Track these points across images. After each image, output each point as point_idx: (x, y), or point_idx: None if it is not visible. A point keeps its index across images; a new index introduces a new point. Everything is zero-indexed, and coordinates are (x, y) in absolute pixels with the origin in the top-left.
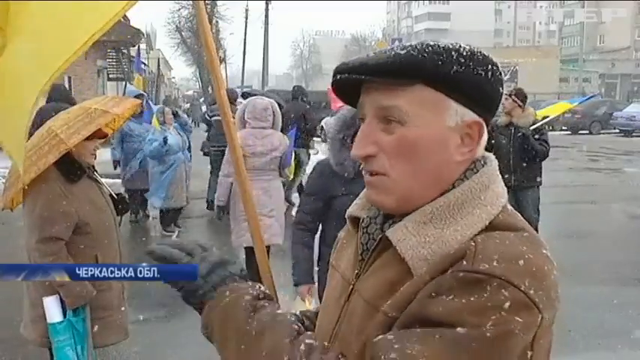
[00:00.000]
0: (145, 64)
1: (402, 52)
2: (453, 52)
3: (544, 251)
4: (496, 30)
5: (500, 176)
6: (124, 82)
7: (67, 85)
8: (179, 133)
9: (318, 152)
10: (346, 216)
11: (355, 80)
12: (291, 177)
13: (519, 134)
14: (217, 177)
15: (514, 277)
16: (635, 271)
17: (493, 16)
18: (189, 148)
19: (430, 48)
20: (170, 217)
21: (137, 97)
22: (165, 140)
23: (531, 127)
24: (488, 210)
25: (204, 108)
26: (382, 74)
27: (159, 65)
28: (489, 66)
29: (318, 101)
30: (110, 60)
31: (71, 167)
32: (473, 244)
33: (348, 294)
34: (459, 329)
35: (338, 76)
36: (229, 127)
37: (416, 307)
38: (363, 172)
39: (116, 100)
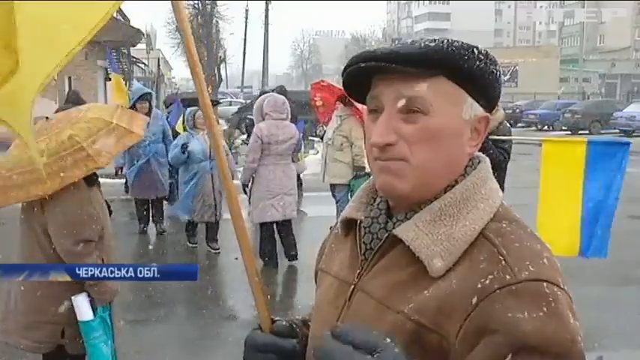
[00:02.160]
0: (144, 63)
1: (432, 44)
2: (475, 50)
3: (541, 238)
4: (496, 30)
5: (492, 173)
6: (124, 82)
7: (66, 85)
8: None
9: (318, 152)
10: (340, 219)
11: (374, 69)
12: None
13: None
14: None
15: (551, 276)
16: (635, 271)
17: (493, 16)
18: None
19: (457, 43)
20: (194, 231)
21: (143, 96)
22: (184, 147)
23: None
24: (490, 203)
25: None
26: (412, 64)
27: (159, 65)
28: (497, 66)
29: None
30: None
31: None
32: (495, 251)
33: (349, 294)
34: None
35: (362, 64)
36: (213, 129)
37: (499, 336)
38: (373, 161)
39: (128, 114)
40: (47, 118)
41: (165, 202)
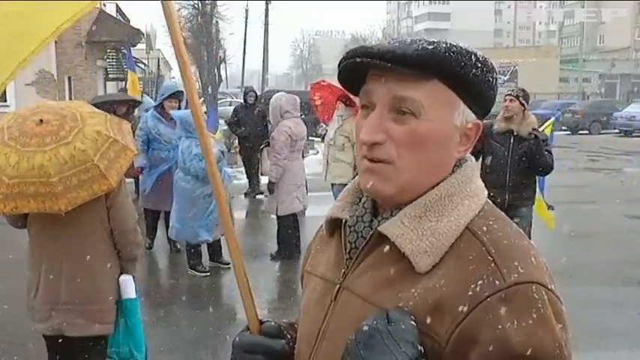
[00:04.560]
0: (144, 64)
1: (430, 47)
2: (473, 57)
3: (526, 236)
4: (496, 30)
5: (477, 171)
6: (124, 82)
7: (66, 85)
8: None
9: (318, 152)
10: (325, 220)
11: (369, 65)
12: None
13: (531, 142)
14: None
15: (539, 277)
16: (635, 271)
17: (493, 16)
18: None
19: (455, 48)
20: (200, 254)
21: (177, 93)
22: (223, 154)
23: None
24: (476, 200)
25: (202, 108)
26: (408, 65)
27: (159, 65)
28: (494, 73)
29: None
30: (110, 60)
31: None
32: (484, 249)
33: (335, 293)
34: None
35: (358, 59)
36: (201, 129)
37: (490, 347)
38: (361, 159)
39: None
40: (41, 120)
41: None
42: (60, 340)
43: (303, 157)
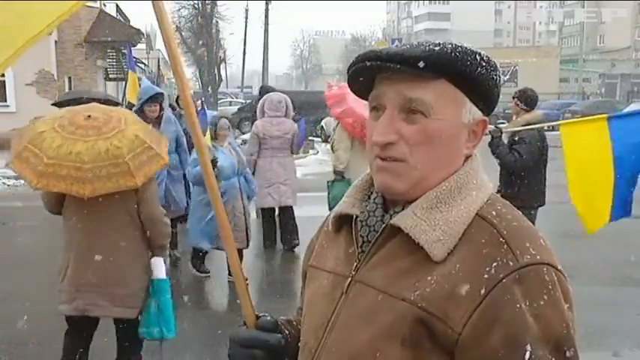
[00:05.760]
0: (144, 64)
1: (436, 48)
2: (477, 56)
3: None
4: (496, 30)
5: (480, 165)
6: (124, 82)
7: (66, 85)
8: (234, 151)
9: (318, 152)
10: (333, 216)
11: (378, 69)
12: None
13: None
14: None
15: (550, 259)
16: (635, 271)
17: (493, 16)
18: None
19: (460, 48)
20: (204, 258)
21: (154, 97)
22: (214, 162)
23: (508, 129)
24: (483, 191)
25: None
26: (416, 66)
27: (159, 65)
28: (498, 72)
29: (318, 101)
30: (110, 60)
31: None
32: (495, 231)
33: (346, 286)
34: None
35: (367, 63)
36: (195, 127)
37: (512, 326)
38: (373, 159)
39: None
40: (89, 116)
41: (179, 225)
42: (86, 321)
43: (293, 153)
